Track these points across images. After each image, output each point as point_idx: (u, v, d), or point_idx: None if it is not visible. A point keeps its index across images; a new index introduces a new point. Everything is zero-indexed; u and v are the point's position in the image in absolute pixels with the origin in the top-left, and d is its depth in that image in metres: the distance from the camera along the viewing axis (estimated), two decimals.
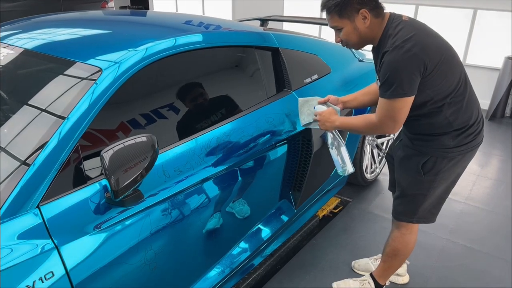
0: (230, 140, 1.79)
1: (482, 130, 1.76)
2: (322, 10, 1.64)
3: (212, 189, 1.71)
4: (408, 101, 1.55)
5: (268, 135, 1.96)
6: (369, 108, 2.60)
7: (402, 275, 2.28)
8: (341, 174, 1.95)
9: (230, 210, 1.85)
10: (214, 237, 1.83)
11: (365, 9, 1.56)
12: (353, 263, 2.36)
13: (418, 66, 1.50)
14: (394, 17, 1.62)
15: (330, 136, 1.94)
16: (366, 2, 1.56)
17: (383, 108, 1.59)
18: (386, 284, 2.16)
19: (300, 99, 2.01)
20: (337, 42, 1.70)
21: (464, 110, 1.66)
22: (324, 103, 1.97)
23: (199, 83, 1.88)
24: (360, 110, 2.47)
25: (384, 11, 1.63)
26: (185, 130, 1.70)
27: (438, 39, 1.61)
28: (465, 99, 1.65)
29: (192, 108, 1.79)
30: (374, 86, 1.97)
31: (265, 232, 2.13)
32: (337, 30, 1.65)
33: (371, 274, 2.15)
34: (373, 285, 2.12)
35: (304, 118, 1.99)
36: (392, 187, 2.10)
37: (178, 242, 1.61)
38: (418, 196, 1.81)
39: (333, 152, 1.93)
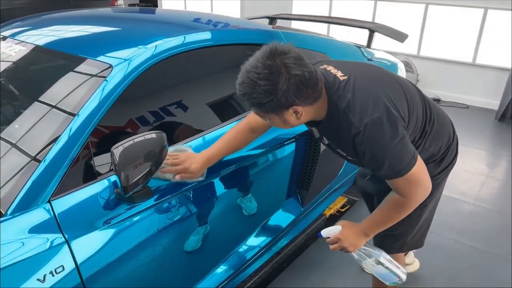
0: None
1: (457, 141, 1.61)
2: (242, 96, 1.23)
3: (219, 187, 1.72)
4: (419, 158, 1.32)
5: (276, 133, 1.96)
6: None
7: (411, 263, 2.21)
8: (395, 285, 1.60)
9: (238, 208, 1.86)
10: (221, 235, 1.83)
11: (296, 105, 1.21)
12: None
13: (401, 125, 1.28)
14: (329, 85, 1.31)
15: (358, 253, 1.53)
16: (299, 97, 1.18)
17: (403, 186, 1.32)
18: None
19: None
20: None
21: (441, 133, 1.51)
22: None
23: (207, 81, 1.89)
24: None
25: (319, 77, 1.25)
26: (193, 127, 1.71)
27: (386, 79, 1.40)
28: (436, 122, 1.49)
29: (200, 106, 1.80)
30: (238, 130, 1.59)
31: (272, 230, 2.13)
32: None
33: None
34: None
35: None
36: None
37: (186, 239, 1.62)
38: (407, 229, 1.64)
39: (377, 267, 1.55)
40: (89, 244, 1.24)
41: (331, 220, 2.80)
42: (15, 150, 1.35)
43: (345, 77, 1.32)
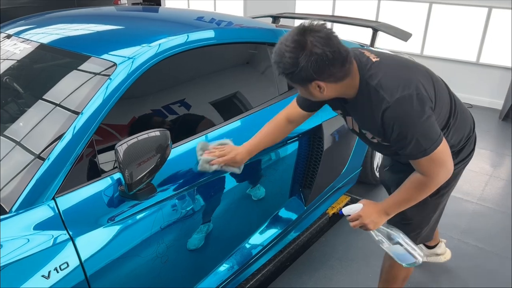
0: (241, 137, 1.79)
1: (475, 136, 1.65)
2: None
3: (222, 186, 1.72)
4: (444, 139, 1.36)
5: None
6: None
7: (442, 253, 2.25)
8: (411, 266, 1.61)
9: (241, 206, 1.86)
10: (224, 233, 1.84)
11: (318, 81, 1.28)
12: None
13: (429, 105, 1.33)
14: (362, 65, 1.37)
15: (376, 233, 1.55)
16: (319, 73, 1.25)
17: (426, 165, 1.36)
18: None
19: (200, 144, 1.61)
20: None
21: (462, 127, 1.55)
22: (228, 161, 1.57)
23: (210, 79, 1.89)
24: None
25: (352, 58, 1.32)
26: (196, 126, 1.71)
27: (417, 67, 1.47)
28: (459, 115, 1.54)
29: (203, 104, 1.80)
30: (276, 123, 1.70)
31: (275, 228, 2.13)
32: None
33: None
34: None
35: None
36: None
37: (189, 236, 1.62)
38: (424, 219, 1.69)
39: (394, 247, 1.56)
40: (93, 241, 1.25)
41: (334, 220, 2.80)
42: (19, 148, 1.36)
43: (378, 59, 1.39)
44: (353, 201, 3.01)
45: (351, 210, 1.51)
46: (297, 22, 5.63)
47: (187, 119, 1.71)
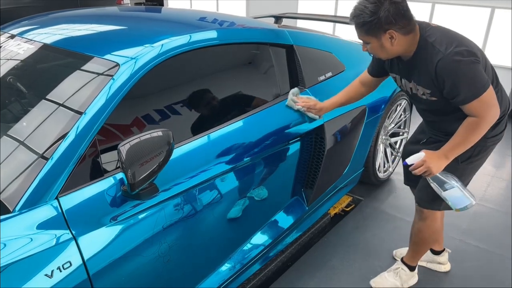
0: (243, 137, 1.80)
1: (510, 115, 1.88)
2: (350, 22, 1.63)
3: (224, 185, 1.73)
4: (490, 85, 1.58)
5: (281, 132, 1.97)
6: None
7: (444, 263, 2.33)
8: (464, 210, 1.78)
9: (242, 206, 1.87)
10: (226, 233, 1.84)
11: (393, 29, 1.54)
12: (394, 252, 2.43)
13: (477, 60, 1.55)
14: (422, 26, 1.62)
15: (434, 180, 1.75)
16: (395, 22, 1.53)
17: (478, 107, 1.57)
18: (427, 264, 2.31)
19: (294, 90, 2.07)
20: (364, 50, 1.72)
21: (502, 101, 1.71)
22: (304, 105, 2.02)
23: (213, 79, 1.90)
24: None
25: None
26: (199, 126, 1.72)
27: (472, 42, 1.66)
28: (500, 90, 1.74)
29: (206, 104, 1.81)
30: (352, 85, 2.07)
31: (277, 228, 2.14)
32: (365, 42, 1.66)
33: (402, 260, 2.22)
34: (407, 269, 2.18)
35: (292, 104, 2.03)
36: (409, 181, 2.18)
37: (191, 236, 1.63)
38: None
39: (450, 191, 1.73)
40: (96, 240, 1.25)
41: (336, 220, 2.81)
42: (23, 148, 1.37)
43: (436, 25, 1.64)
44: (355, 201, 3.02)
45: (414, 159, 1.72)
46: (300, 23, 5.63)
47: (189, 119, 1.72)
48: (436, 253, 2.33)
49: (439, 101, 1.68)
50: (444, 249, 2.33)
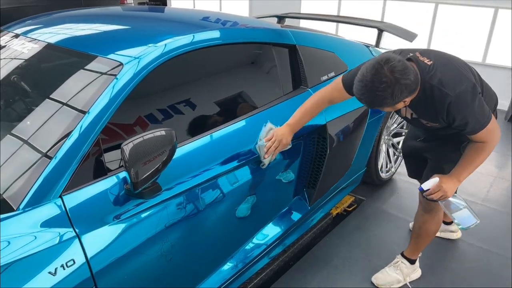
0: (246, 136, 1.80)
1: (496, 114, 1.93)
2: (367, 106, 1.62)
3: (227, 185, 1.73)
4: (492, 114, 1.70)
5: None
6: None
7: (455, 231, 2.54)
8: (468, 229, 1.88)
9: (245, 205, 1.87)
10: (228, 232, 1.85)
11: (407, 97, 1.57)
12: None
13: (479, 91, 1.66)
14: (420, 66, 1.63)
15: (448, 202, 1.82)
16: (409, 94, 1.55)
17: (485, 135, 1.68)
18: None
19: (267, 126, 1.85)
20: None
21: (489, 99, 1.83)
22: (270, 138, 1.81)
23: (216, 79, 1.90)
24: None
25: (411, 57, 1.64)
26: (201, 125, 1.72)
27: (458, 61, 1.74)
28: (484, 87, 1.83)
29: (208, 104, 1.81)
30: (316, 102, 1.91)
31: (279, 228, 2.14)
32: None
33: (402, 254, 2.26)
34: (407, 262, 2.22)
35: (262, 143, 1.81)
36: (412, 173, 2.28)
37: (194, 235, 1.64)
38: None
39: (460, 212, 1.83)
40: (99, 238, 1.26)
41: (338, 220, 2.81)
42: (27, 146, 1.38)
43: (431, 62, 1.66)
44: (357, 201, 3.02)
45: (430, 184, 1.77)
46: (303, 22, 5.64)
47: (192, 119, 1.73)
48: (447, 223, 2.56)
49: (441, 127, 1.77)
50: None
